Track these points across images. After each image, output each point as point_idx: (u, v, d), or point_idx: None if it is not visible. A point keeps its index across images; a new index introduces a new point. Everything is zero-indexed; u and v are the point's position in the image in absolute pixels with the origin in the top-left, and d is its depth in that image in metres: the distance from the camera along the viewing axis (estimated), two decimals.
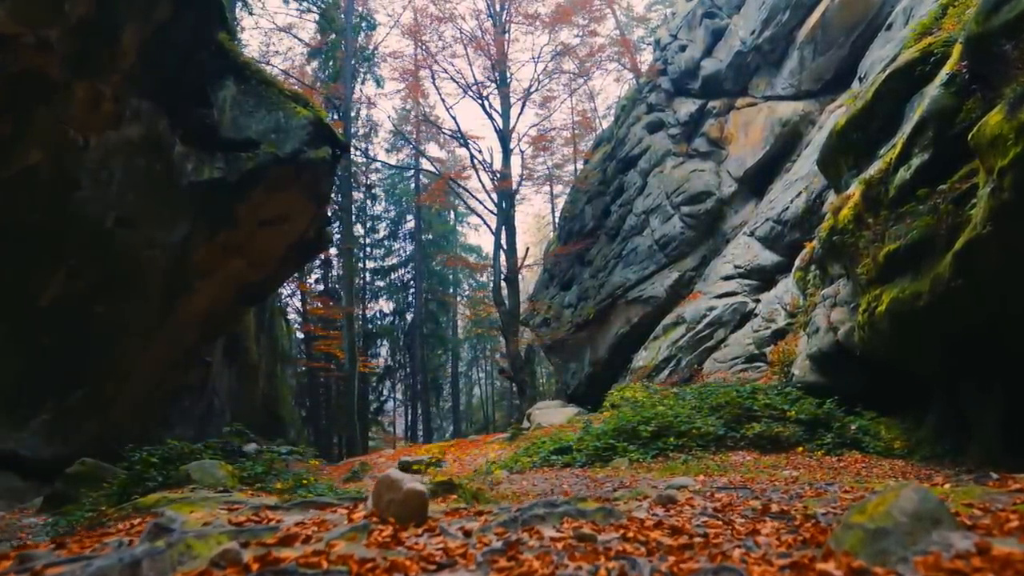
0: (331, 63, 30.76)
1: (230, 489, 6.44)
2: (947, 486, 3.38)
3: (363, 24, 32.87)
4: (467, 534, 2.35)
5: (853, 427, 9.67)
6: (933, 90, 7.49)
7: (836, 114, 16.18)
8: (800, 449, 9.43)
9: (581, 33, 28.93)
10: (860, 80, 16.17)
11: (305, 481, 7.59)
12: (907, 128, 7.94)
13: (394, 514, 2.47)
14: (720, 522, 2.72)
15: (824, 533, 2.17)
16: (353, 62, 30.26)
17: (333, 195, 30.63)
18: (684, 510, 3.16)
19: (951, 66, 7.25)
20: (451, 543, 2.18)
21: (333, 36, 30.10)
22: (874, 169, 8.58)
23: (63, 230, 11.45)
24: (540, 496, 6.80)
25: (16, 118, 10.26)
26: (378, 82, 34.78)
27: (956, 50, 7.51)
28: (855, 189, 9.31)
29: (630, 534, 2.31)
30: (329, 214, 21.12)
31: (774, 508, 3.13)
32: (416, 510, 2.48)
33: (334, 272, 35.66)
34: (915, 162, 7.47)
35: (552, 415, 18.53)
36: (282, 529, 2.27)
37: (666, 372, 19.21)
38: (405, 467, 13.16)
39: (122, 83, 11.60)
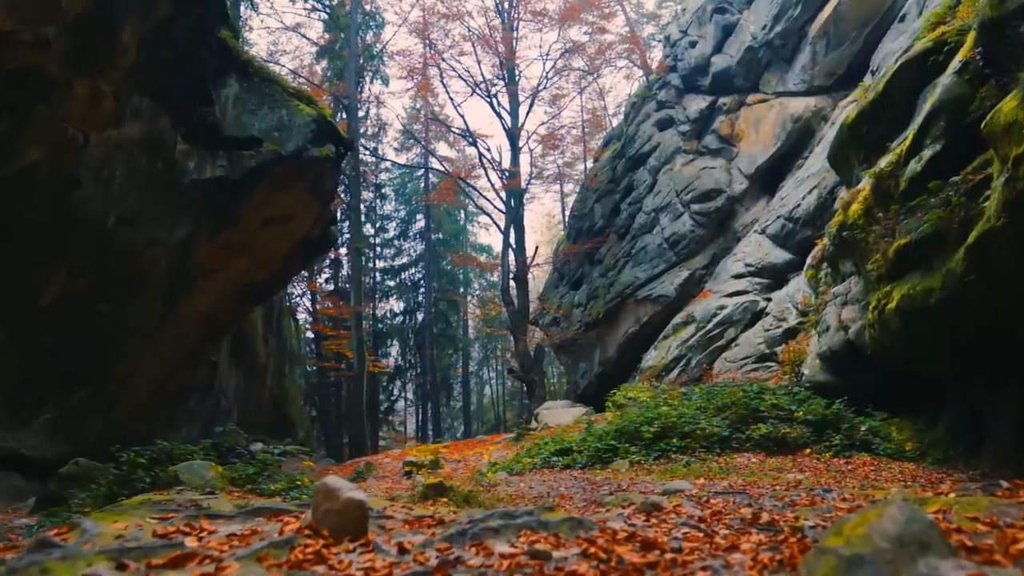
0: (338, 62, 30.70)
1: (217, 491, 6.30)
2: (952, 495, 3.14)
3: (371, 23, 32.77)
4: (403, 551, 2.14)
5: (863, 428, 9.38)
6: (945, 79, 7.21)
7: (849, 109, 15.86)
8: (807, 451, 9.16)
9: (590, 30, 28.67)
10: (873, 73, 15.84)
11: (299, 482, 7.45)
12: (919, 119, 7.66)
13: (330, 525, 2.27)
14: (701, 534, 2.51)
15: (806, 551, 1.96)
16: (360, 60, 30.18)
17: (342, 194, 30.65)
18: (668, 519, 2.94)
19: (964, 53, 6.98)
20: (379, 562, 1.99)
21: (342, 35, 30.03)
22: (884, 162, 8.31)
23: (64, 229, 11.38)
24: (536, 499, 6.61)
25: (15, 116, 10.18)
26: (384, 80, 34.68)
27: (970, 37, 7.23)
28: (865, 183, 9.04)
29: (592, 550, 2.10)
30: (335, 213, 21.05)
31: (764, 518, 2.91)
32: (354, 521, 2.28)
33: (344, 271, 35.64)
34: (926, 153, 7.20)
35: (559, 415, 18.34)
36: (189, 546, 2.09)
37: (676, 372, 18.96)
38: (409, 467, 13.02)
39: (122, 81, 11.50)
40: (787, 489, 5.17)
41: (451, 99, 46.23)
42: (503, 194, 28.11)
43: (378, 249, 42.60)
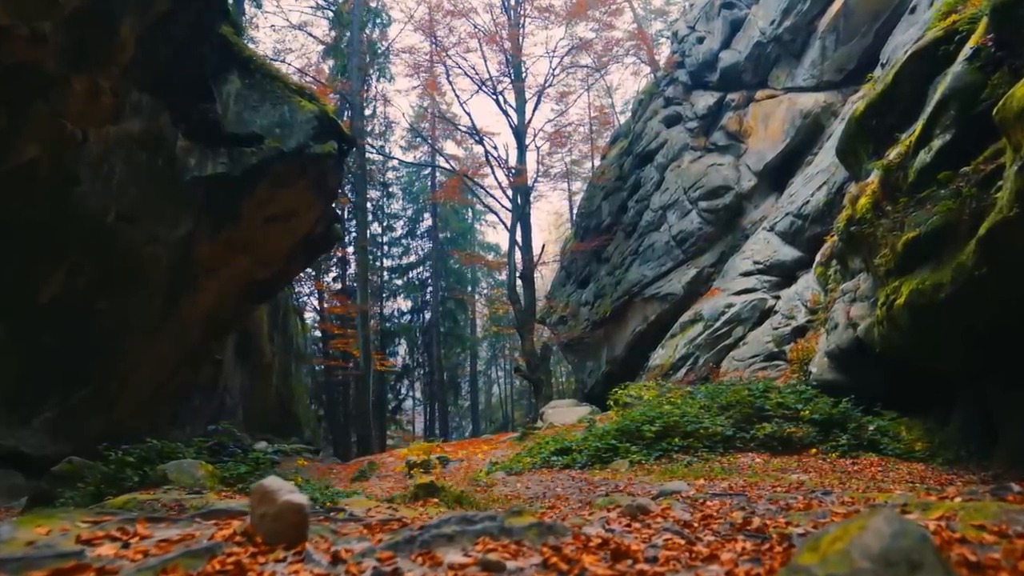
0: (344, 59, 30.59)
1: (206, 490, 6.18)
2: (958, 500, 2.92)
3: (376, 20, 32.64)
4: (337, 560, 1.96)
5: (871, 428, 9.14)
6: (956, 66, 6.97)
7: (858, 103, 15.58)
8: (813, 451, 8.93)
9: (597, 27, 28.43)
10: (883, 66, 15.54)
11: (292, 482, 7.30)
12: (928, 109, 7.42)
13: (265, 531, 2.09)
14: (683, 541, 2.33)
15: (787, 564, 1.77)
16: (367, 58, 30.05)
17: (349, 193, 30.57)
18: (652, 524, 2.76)
19: (976, 40, 6.74)
20: (305, 574, 1.82)
21: (347, 33, 29.93)
22: (893, 154, 8.06)
23: (63, 226, 11.30)
24: (531, 500, 6.44)
25: (12, 112, 10.10)
26: (390, 78, 34.57)
27: (982, 24, 7.00)
28: (874, 177, 8.80)
29: (554, 560, 1.92)
30: (337, 210, 20.93)
31: (755, 523, 2.72)
32: (291, 527, 2.10)
33: (351, 270, 35.56)
34: (936, 144, 6.96)
35: (565, 414, 18.18)
36: (93, 556, 1.92)
37: (683, 371, 18.74)
38: (410, 467, 12.89)
39: (121, 77, 11.41)
40: (788, 491, 4.97)
41: (457, 97, 46.13)
42: (509, 192, 27.94)
43: (385, 248, 42.51)
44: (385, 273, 42.16)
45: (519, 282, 26.88)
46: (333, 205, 17.77)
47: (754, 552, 2.13)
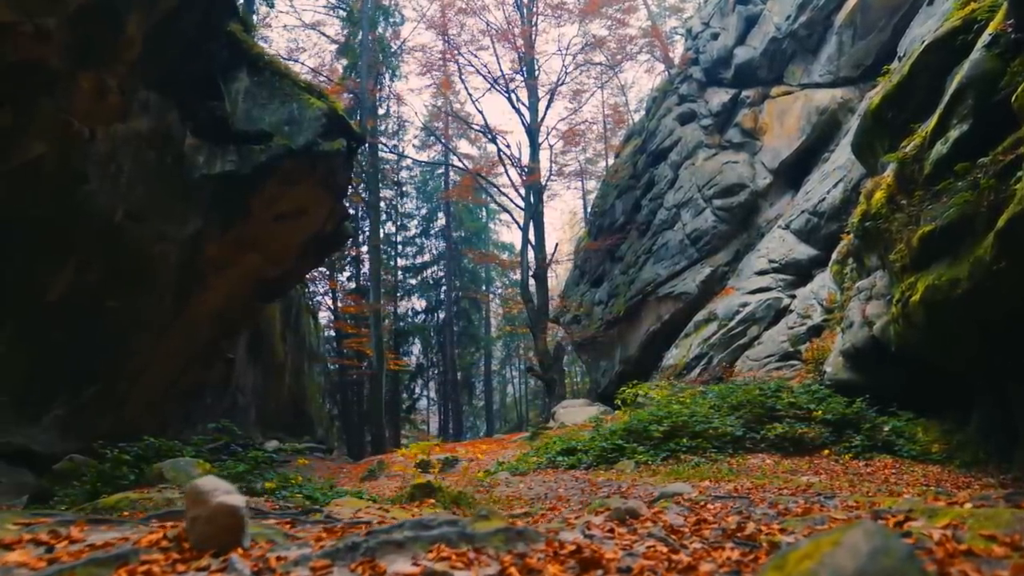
0: (356, 57, 30.58)
1: None
2: (968, 506, 2.71)
3: (390, 19, 32.60)
4: (262, 570, 1.81)
5: (886, 428, 8.87)
6: (974, 54, 6.71)
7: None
8: (826, 452, 8.68)
9: (611, 24, 28.19)
10: (900, 60, 15.20)
11: (292, 481, 7.21)
12: (946, 99, 7.16)
13: (197, 535, 1.93)
14: (666, 548, 2.16)
15: None
16: (379, 56, 30.01)
17: (362, 192, 30.57)
18: (638, 529, 2.59)
19: (995, 26, 6.49)
20: None
21: (361, 35, 29.93)
22: (909, 146, 7.80)
23: (70, 224, 11.30)
24: (532, 501, 6.28)
25: (17, 110, 10.09)
26: (403, 77, 34.54)
27: (1002, 11, 6.74)
28: (890, 170, 8.54)
29: (511, 570, 1.76)
30: (350, 209, 20.90)
31: (749, 529, 2.55)
32: (224, 531, 1.94)
33: (365, 269, 35.59)
34: (953, 134, 6.71)
35: (576, 414, 18.00)
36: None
37: (697, 370, 18.48)
38: (420, 466, 12.78)
39: (128, 75, 11.39)
40: (794, 494, 4.78)
41: (470, 95, 46.05)
42: (523, 191, 27.80)
43: (399, 247, 42.51)
44: (399, 272, 42.16)
45: (532, 281, 26.73)
46: (344, 202, 17.71)
47: (737, 563, 1.95)
